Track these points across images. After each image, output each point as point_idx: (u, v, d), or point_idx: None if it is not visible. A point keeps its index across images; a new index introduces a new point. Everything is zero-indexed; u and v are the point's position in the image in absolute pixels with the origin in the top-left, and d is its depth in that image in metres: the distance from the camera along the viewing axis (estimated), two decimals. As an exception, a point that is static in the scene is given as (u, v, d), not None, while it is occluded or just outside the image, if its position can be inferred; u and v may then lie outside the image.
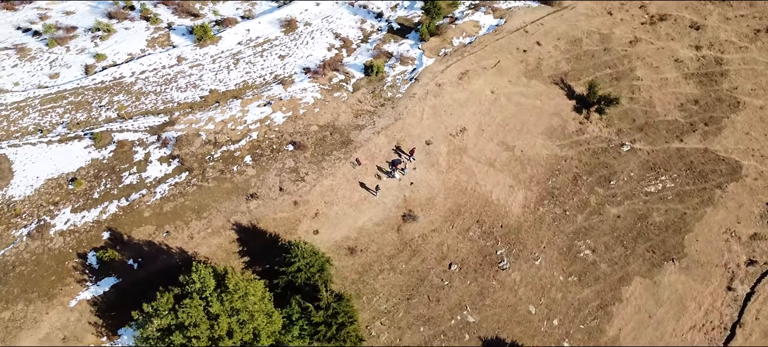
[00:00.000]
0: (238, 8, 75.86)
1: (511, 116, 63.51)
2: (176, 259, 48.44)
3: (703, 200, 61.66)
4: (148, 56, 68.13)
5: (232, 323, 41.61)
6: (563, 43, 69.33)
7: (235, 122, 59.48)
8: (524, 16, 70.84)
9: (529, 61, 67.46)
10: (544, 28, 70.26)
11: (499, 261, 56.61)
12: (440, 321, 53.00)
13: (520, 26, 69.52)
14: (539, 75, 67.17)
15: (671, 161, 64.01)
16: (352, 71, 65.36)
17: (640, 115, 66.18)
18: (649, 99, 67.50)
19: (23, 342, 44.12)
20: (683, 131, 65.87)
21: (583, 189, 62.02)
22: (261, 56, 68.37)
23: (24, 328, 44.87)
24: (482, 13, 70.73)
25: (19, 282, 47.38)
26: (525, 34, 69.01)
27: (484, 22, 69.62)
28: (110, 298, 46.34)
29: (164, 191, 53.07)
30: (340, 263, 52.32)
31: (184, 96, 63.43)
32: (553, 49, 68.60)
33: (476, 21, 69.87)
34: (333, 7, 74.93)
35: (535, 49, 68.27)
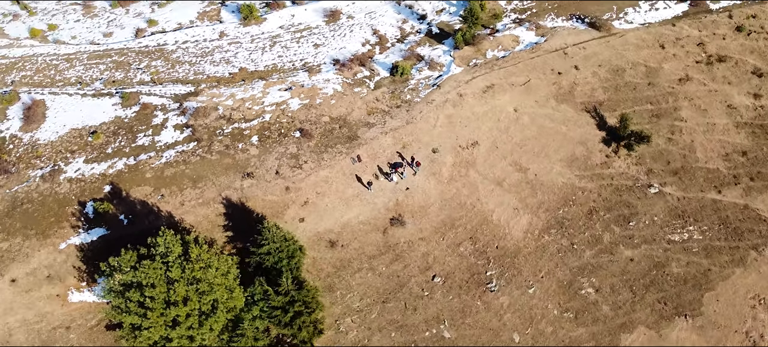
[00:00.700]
0: None
1: (531, 137, 61.56)
2: (163, 222, 50.88)
3: (734, 259, 57.29)
4: (194, 28, 71.94)
5: (189, 291, 43.41)
6: (604, 70, 66.39)
7: (253, 102, 61.59)
8: (566, 38, 68.34)
9: (562, 85, 65.16)
10: (586, 53, 67.50)
11: (488, 282, 55.28)
12: (414, 330, 52.47)
13: (559, 47, 67.15)
14: (570, 100, 64.63)
15: (704, 212, 59.91)
16: (378, 69, 65.84)
17: (677, 158, 62.30)
18: (690, 143, 63.39)
19: (12, 273, 48.70)
20: (724, 182, 61.41)
21: (598, 225, 59.29)
22: (297, 42, 70.27)
23: (16, 260, 48.98)
24: (525, 28, 68.95)
25: (23, 218, 51.78)
26: (564, 56, 66.68)
27: (524, 38, 67.86)
28: (97, 247, 49.66)
29: (170, 157, 55.95)
30: (319, 254, 52.93)
31: (214, 70, 66.47)
32: (590, 76, 65.85)
33: (516, 36, 68.20)
34: (380, 3, 75.67)
35: (571, 72, 65.84)
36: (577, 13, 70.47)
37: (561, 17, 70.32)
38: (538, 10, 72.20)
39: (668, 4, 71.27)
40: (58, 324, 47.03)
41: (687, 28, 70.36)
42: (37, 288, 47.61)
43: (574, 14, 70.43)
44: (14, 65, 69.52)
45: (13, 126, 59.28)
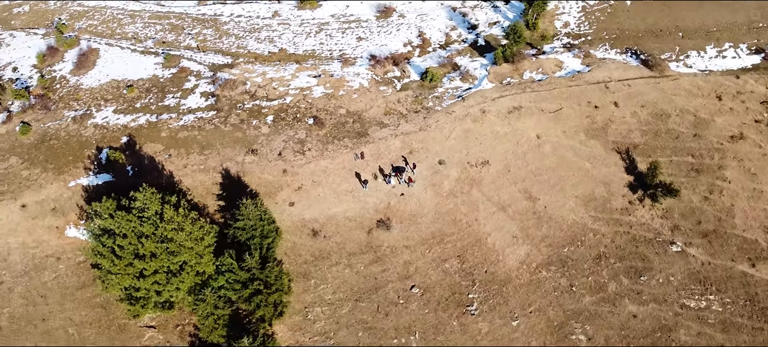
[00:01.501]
0: None
1: (548, 167, 59.12)
2: (163, 180, 54.68)
3: (755, 341, 52.63)
4: (252, 3, 75.23)
5: (159, 248, 46.33)
6: (646, 112, 62.37)
7: (280, 83, 63.73)
8: (613, 71, 64.59)
9: (596, 119, 61.97)
10: (630, 90, 63.63)
11: (469, 304, 54.12)
12: (382, 335, 52.54)
13: (603, 80, 63.74)
14: (602, 137, 61.14)
15: (730, 283, 55.10)
16: (410, 71, 65.83)
17: (711, 219, 57.57)
18: (729, 206, 58.36)
19: (24, 199, 53.92)
20: (759, 256, 56.01)
21: (605, 272, 56.24)
22: (342, 33, 71.67)
23: (30, 189, 54.36)
24: (572, 54, 66.01)
25: (47, 152, 57.22)
26: (604, 90, 63.30)
27: (568, 65, 65.01)
28: (100, 191, 53.77)
29: (188, 121, 59.42)
30: (300, 241, 54.02)
31: (256, 47, 69.26)
32: (629, 116, 62.11)
33: (560, 61, 65.52)
34: (435, 6, 75.18)
35: (608, 108, 62.43)
36: (635, 47, 66.68)
37: (615, 49, 66.87)
38: (594, 39, 68.86)
39: (738, 54, 65.78)
40: (51, 253, 51.83)
41: (752, 83, 64.71)
42: (42, 217, 52.65)
43: (630, 48, 66.74)
44: (85, 13, 76.18)
45: (66, 69, 65.41)
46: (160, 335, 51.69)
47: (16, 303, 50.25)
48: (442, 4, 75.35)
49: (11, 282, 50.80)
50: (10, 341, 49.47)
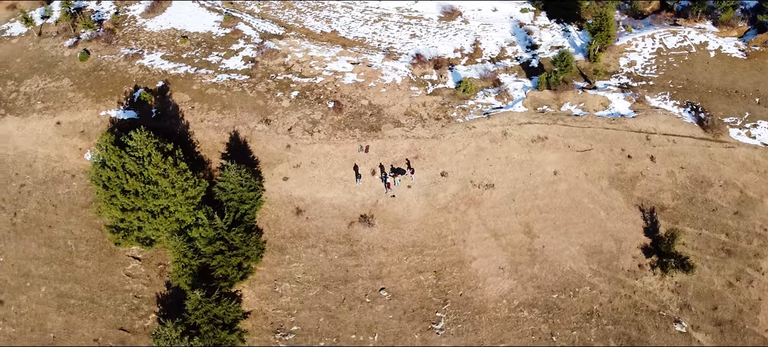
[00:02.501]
0: None
1: (558, 207, 56.40)
2: (177, 128, 58.92)
3: None
4: (327, -17, 77.94)
5: (143, 189, 50.23)
6: (684, 175, 56.85)
7: (318, 62, 65.64)
8: (660, 123, 59.37)
9: (625, 169, 57.54)
10: (673, 148, 58.32)
11: (435, 322, 53.24)
12: (342, 327, 53.39)
13: (646, 129, 58.82)
14: (627, 190, 56.93)
15: (733, 385, 49.89)
16: (448, 77, 64.86)
17: (730, 308, 51.86)
18: (755, 300, 52.07)
19: (61, 117, 60.21)
20: (777, 364, 50.09)
21: (593, 331, 52.84)
22: (400, 27, 71.87)
23: (69, 109, 60.80)
24: (623, 96, 61.34)
25: (94, 80, 63.49)
26: (644, 141, 58.40)
27: (614, 106, 60.61)
28: (122, 125, 59.06)
29: (220, 80, 63.12)
30: (284, 215, 56.03)
31: (312, 24, 71.59)
32: (665, 174, 56.95)
33: (607, 100, 61.16)
34: (502, 19, 73.27)
35: (643, 161, 57.67)
36: (698, 103, 60.99)
37: (675, 101, 61.53)
38: (656, 85, 63.65)
39: (818, 136, 58.33)
40: (68, 170, 57.86)
41: (822, 172, 57.22)
42: (70, 136, 58.80)
43: (691, 103, 61.09)
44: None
45: (138, 11, 71.52)
46: (143, 268, 56.19)
47: (31, 206, 57.15)
48: (511, 18, 73.68)
49: (31, 187, 57.84)
50: (20, 235, 56.63)
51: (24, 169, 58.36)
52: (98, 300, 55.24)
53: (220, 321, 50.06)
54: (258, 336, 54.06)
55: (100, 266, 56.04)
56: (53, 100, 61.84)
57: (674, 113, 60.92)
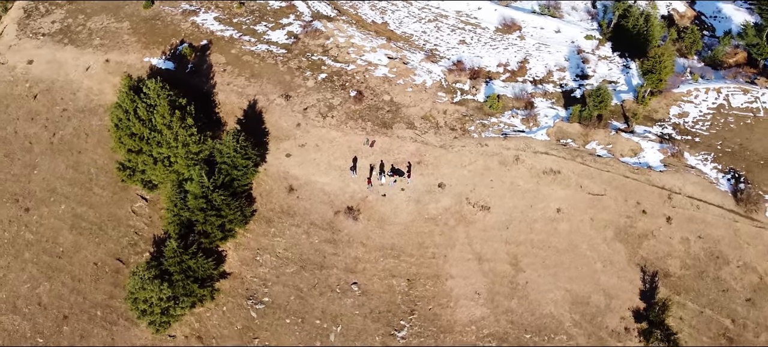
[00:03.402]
0: None
1: (552, 246, 53.91)
2: (205, 86, 62.47)
3: None
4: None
5: (149, 135, 53.86)
6: (700, 246, 51.65)
7: (356, 50, 66.47)
8: (687, 184, 54.28)
9: (635, 224, 53.28)
10: (694, 214, 53.25)
11: (398, 330, 52.87)
12: (310, 310, 54.75)
13: (670, 187, 53.90)
14: (631, 246, 53.21)
15: None
16: (481, 90, 63.06)
17: (714, 402, 47.05)
18: (745, 399, 46.82)
19: (111, 55, 65.46)
20: None
21: (558, 383, 50.12)
22: (451, 31, 70.63)
23: (120, 49, 66.18)
24: (658, 147, 56.48)
25: (149, 28, 68.55)
26: (664, 199, 53.57)
27: (645, 155, 55.98)
28: (157, 72, 63.43)
29: (259, 49, 65.83)
30: (277, 190, 57.98)
31: (365, 13, 72.29)
32: (678, 240, 52.05)
33: (639, 147, 56.57)
34: (562, 43, 69.76)
35: (657, 220, 53.19)
36: (742, 172, 54.99)
37: (715, 164, 55.99)
38: (702, 143, 58.30)
39: None
40: (103, 104, 63.09)
41: None
42: (114, 75, 63.97)
43: (733, 170, 55.27)
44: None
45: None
46: (147, 208, 60.57)
47: (68, 130, 63.08)
48: (572, 43, 70.26)
49: (71, 113, 63.72)
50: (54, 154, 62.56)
51: (68, 96, 64.68)
52: (105, 228, 60.35)
53: (192, 274, 53.41)
54: (232, 298, 56.82)
55: (113, 198, 61.23)
56: (110, 39, 67.66)
57: (709, 176, 55.88)
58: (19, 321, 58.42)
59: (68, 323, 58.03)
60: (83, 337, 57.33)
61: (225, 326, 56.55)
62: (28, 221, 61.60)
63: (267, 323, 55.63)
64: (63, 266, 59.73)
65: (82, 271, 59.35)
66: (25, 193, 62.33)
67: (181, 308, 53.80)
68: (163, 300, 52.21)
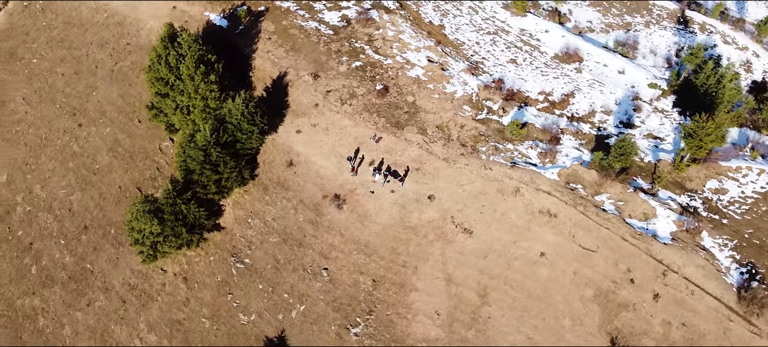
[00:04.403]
0: (591, 21, 72.67)
1: (526, 289, 51.92)
2: (246, 49, 65.85)
3: None
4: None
5: (175, 83, 58.07)
6: (679, 334, 46.86)
7: (400, 47, 66.67)
8: (690, 265, 48.89)
9: (618, 293, 49.15)
10: (685, 298, 48.07)
11: (354, 326, 53.17)
12: (280, 282, 57.41)
13: (669, 263, 48.81)
14: (607, 313, 49.76)
15: None
16: (510, 113, 60.81)
17: None
18: None
19: (177, 2, 70.65)
20: None
21: None
22: (507, 48, 68.38)
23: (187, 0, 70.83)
24: (675, 218, 51.00)
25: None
26: (658, 275, 48.67)
27: (655, 222, 50.87)
28: (212, 29, 67.92)
29: (308, 26, 68.00)
30: (279, 161, 60.16)
31: (426, 12, 72.00)
32: (659, 323, 47.42)
33: (653, 211, 51.36)
34: (620, 83, 65.19)
35: (643, 295, 48.86)
36: (762, 270, 48.22)
37: (733, 253, 49.97)
38: (728, 227, 52.52)
39: None
40: (159, 46, 68.71)
41: None
42: (176, 21, 68.18)
43: (752, 263, 48.72)
44: None
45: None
46: (172, 149, 65.40)
47: (126, 63, 69.26)
48: (632, 87, 65.49)
49: (132, 48, 69.87)
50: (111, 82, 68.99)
51: (134, 32, 70.95)
52: (135, 158, 66.13)
53: (182, 218, 57.36)
54: (220, 251, 60.32)
55: (147, 132, 66.80)
56: (183, -12, 74.01)
57: (719, 264, 50.25)
58: (51, 220, 66.62)
59: (87, 233, 65.08)
60: (95, 249, 64.24)
61: (208, 275, 60.55)
62: (78, 135, 69.18)
63: (243, 283, 58.79)
64: (95, 182, 66.87)
65: (108, 191, 66.13)
66: (82, 110, 70.20)
67: (169, 246, 58.28)
68: (152, 235, 57.13)
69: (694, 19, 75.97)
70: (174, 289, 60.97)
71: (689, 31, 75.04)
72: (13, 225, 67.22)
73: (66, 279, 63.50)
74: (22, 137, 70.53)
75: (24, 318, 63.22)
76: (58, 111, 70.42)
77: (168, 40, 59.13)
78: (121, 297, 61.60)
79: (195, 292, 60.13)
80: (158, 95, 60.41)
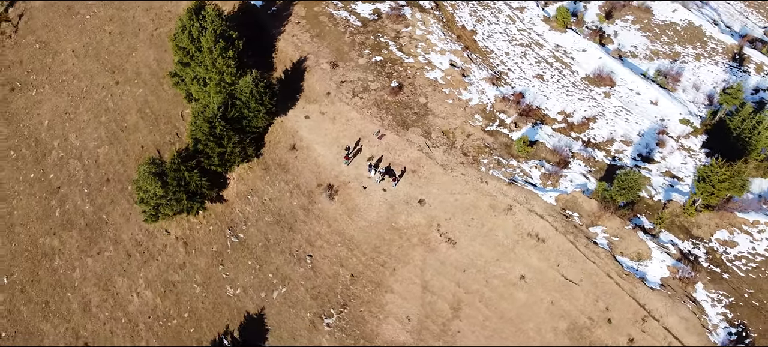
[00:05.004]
0: (635, 46, 70.06)
1: (499, 310, 50.80)
2: (273, 30, 67.16)
3: None
4: None
5: (195, 55, 60.03)
6: None
7: (425, 47, 66.33)
8: (672, 315, 45.89)
9: (593, 331, 47.35)
10: None
11: (327, 316, 53.35)
12: (268, 261, 59.04)
13: (651, 309, 45.98)
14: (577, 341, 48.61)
15: None
16: (521, 128, 59.21)
17: None
18: None
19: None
20: None
21: None
22: (537, 63, 66.63)
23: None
24: (669, 263, 47.67)
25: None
26: (638, 319, 46.15)
27: (648, 264, 47.74)
28: (247, 7, 69.85)
29: (339, 15, 68.69)
30: (284, 144, 61.36)
31: (460, 15, 70.99)
32: None
33: (648, 252, 48.29)
34: (649, 114, 62.13)
35: (617, 338, 46.62)
36: (754, 334, 44.26)
37: (726, 311, 46.43)
38: (728, 282, 49.09)
39: None
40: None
41: None
42: (216, -3, 71.66)
43: (745, 325, 44.73)
44: None
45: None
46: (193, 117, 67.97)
47: (165, 29, 72.30)
48: (661, 121, 62.19)
49: (172, 15, 72.51)
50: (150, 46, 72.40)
51: (175, 6, 74.04)
52: (159, 121, 69.12)
53: (184, 184, 59.51)
54: (219, 223, 62.29)
55: (173, 98, 69.57)
56: (229, -35, 76.16)
57: (707, 319, 46.92)
58: (79, 168, 70.85)
59: (108, 186, 68.76)
60: (113, 202, 67.83)
61: (205, 243, 62.68)
62: (114, 92, 72.97)
63: (235, 256, 60.56)
64: (122, 139, 70.40)
65: (131, 148, 69.47)
66: (121, 69, 73.97)
67: (170, 209, 61.00)
68: (156, 196, 59.76)
69: (751, 57, 71.36)
70: (174, 251, 63.86)
71: (743, 69, 70.49)
72: (46, 168, 72.46)
73: (83, 226, 67.93)
74: (67, 87, 75.74)
75: (43, 255, 68.21)
76: (100, 67, 75.04)
77: (194, 12, 61.57)
78: (128, 250, 65.17)
79: (192, 257, 62.73)
80: (180, 64, 62.98)
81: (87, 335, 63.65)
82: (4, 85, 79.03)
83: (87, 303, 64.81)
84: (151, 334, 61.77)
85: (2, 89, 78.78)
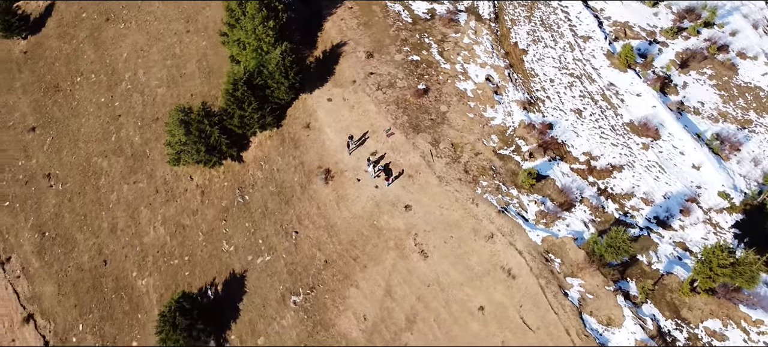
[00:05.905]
0: (703, 102, 64.17)
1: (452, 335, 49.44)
2: (324, 11, 69.51)
3: None
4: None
5: (240, 17, 62.26)
6: None
7: (467, 57, 65.15)
8: None
9: None
10: None
11: (295, 294, 54.37)
12: (262, 229, 61.69)
13: None
14: None
15: None
16: (536, 159, 56.47)
17: None
18: None
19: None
20: None
21: None
22: (582, 97, 62.99)
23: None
24: (639, 337, 42.70)
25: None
26: None
27: (616, 333, 43.38)
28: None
29: (393, 7, 69.49)
30: (301, 120, 63.31)
31: (517, 35, 68.85)
32: None
33: (620, 319, 43.98)
34: (683, 178, 57.18)
35: None
36: None
37: None
38: None
39: None
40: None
41: None
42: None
43: None
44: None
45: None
46: (235, 78, 71.07)
47: None
48: (696, 188, 56.81)
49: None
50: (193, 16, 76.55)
51: (252, -34, 77.54)
52: (211, 74, 73.33)
53: (204, 137, 62.71)
54: (233, 180, 65.56)
55: (227, 55, 73.23)
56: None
57: None
58: (139, 102, 76.54)
59: (156, 124, 73.59)
60: (157, 139, 72.64)
61: (217, 197, 66.14)
62: (183, 40, 78.11)
63: (236, 215, 63.52)
64: (179, 83, 75.48)
65: (183, 95, 74.30)
66: (193, 19, 78.72)
67: (190, 158, 64.84)
68: (180, 143, 63.92)
69: (835, 146, 63.17)
70: (192, 197, 68.07)
71: (819, 157, 62.53)
72: (114, 96, 79.47)
73: (129, 155, 74.08)
74: (148, 26, 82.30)
75: (93, 173, 75.32)
76: (178, 14, 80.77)
77: (231, 0, 65.65)
78: (156, 187, 70.34)
79: (204, 207, 66.61)
80: (228, 25, 66.63)
81: (108, 253, 70.01)
82: (101, 14, 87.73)
83: (114, 225, 71.22)
84: (154, 268, 66.76)
85: (99, 17, 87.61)
